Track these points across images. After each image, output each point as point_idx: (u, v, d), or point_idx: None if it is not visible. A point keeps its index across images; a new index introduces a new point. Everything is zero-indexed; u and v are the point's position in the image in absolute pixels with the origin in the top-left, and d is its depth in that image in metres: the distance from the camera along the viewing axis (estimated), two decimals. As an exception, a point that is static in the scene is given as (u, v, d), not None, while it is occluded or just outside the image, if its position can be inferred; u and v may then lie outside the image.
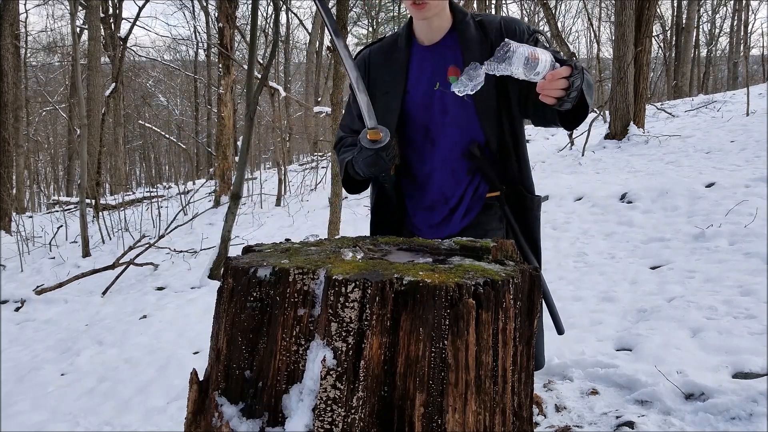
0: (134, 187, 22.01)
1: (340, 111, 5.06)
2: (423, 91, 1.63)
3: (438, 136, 1.65)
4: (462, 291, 0.92)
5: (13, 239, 8.31)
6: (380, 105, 1.62)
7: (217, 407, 0.99)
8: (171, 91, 29.56)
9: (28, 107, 18.63)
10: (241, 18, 17.64)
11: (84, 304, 5.06)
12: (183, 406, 1.37)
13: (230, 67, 9.83)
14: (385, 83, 1.66)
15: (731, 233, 4.06)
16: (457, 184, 1.66)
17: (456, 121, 1.63)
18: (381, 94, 1.65)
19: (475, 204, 1.68)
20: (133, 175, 29.06)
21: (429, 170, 1.69)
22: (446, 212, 1.69)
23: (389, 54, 1.68)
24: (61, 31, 25.02)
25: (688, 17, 20.38)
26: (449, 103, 1.62)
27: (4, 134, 9.55)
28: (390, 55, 1.67)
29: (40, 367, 3.60)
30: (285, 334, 0.96)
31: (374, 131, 1.44)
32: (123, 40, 14.49)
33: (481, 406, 0.96)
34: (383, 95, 1.65)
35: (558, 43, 11.47)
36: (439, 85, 1.62)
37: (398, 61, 1.65)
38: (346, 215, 6.68)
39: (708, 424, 2.17)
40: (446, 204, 1.69)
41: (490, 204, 1.68)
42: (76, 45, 8.94)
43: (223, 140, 9.87)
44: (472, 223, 1.68)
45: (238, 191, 5.32)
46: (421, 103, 1.64)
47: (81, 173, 8.10)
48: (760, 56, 22.86)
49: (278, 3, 6.96)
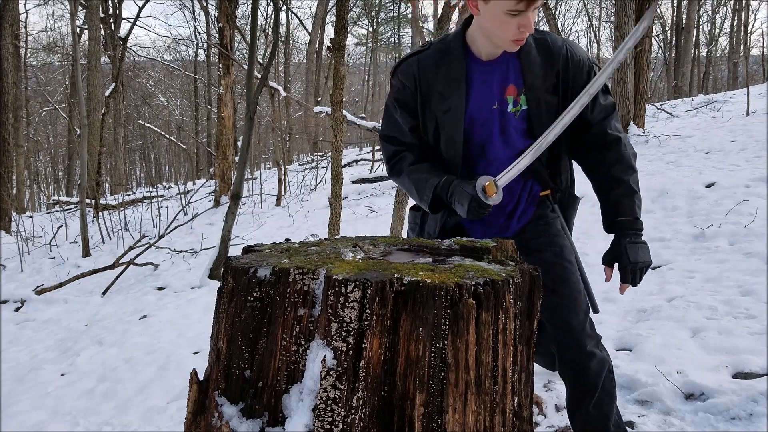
0: (134, 187, 22.02)
1: (340, 111, 5.05)
2: (482, 109, 1.58)
3: (493, 153, 1.62)
4: (462, 291, 0.92)
5: (13, 239, 8.31)
6: (444, 124, 1.58)
7: (217, 407, 0.99)
8: (171, 91, 29.56)
9: (28, 107, 18.63)
10: (241, 18, 17.63)
11: (84, 304, 5.06)
12: (183, 406, 1.38)
13: (230, 67, 9.83)
14: (444, 99, 1.57)
15: (731, 233, 4.06)
16: (510, 191, 1.65)
17: (512, 138, 1.60)
18: (441, 112, 1.58)
19: (530, 205, 1.69)
20: (133, 175, 29.05)
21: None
22: (503, 219, 1.69)
23: (443, 66, 1.57)
24: (61, 31, 25.02)
25: (688, 17, 20.37)
26: (506, 122, 1.59)
27: (4, 134, 9.55)
28: (444, 67, 1.57)
29: (40, 367, 3.60)
30: (285, 334, 0.96)
31: (493, 185, 1.45)
32: (123, 40, 14.49)
33: (481, 406, 0.96)
34: (444, 113, 1.58)
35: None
36: (498, 105, 1.57)
37: (456, 75, 1.56)
38: (346, 215, 6.68)
39: (708, 424, 2.16)
40: (502, 212, 1.68)
41: (543, 199, 1.70)
42: (76, 45, 8.94)
43: (223, 140, 9.87)
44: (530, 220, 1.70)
45: (238, 191, 5.32)
46: (480, 121, 1.59)
47: (81, 173, 8.10)
48: (760, 56, 22.87)
49: (278, 3, 6.96)
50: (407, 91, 1.62)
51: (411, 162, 1.66)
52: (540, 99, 1.56)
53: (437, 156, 1.65)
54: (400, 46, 28.29)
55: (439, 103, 1.58)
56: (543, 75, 1.55)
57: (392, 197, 6.26)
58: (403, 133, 1.67)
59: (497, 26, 1.43)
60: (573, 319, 1.61)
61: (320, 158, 12.42)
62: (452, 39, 1.59)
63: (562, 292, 1.62)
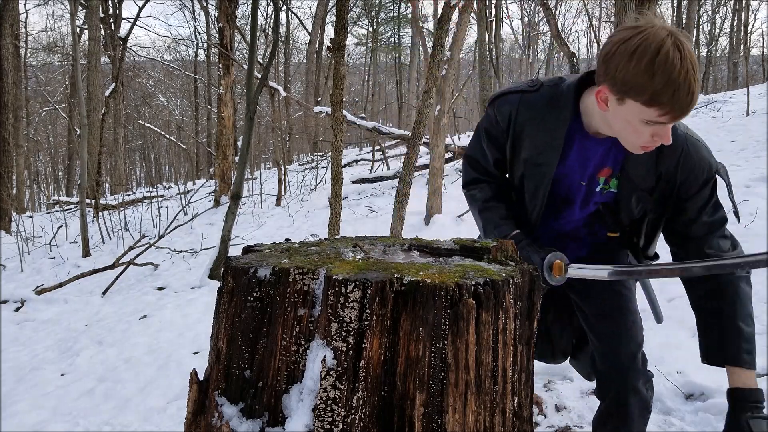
0: (134, 187, 22.03)
1: (340, 111, 5.05)
2: (570, 178, 1.51)
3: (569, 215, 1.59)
4: (462, 291, 0.92)
5: (13, 239, 8.31)
6: (531, 176, 1.52)
7: (217, 407, 0.99)
8: (171, 91, 29.57)
9: (28, 107, 18.64)
10: (241, 18, 17.65)
11: (84, 304, 5.06)
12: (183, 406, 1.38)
13: (230, 67, 9.83)
14: (537, 151, 1.48)
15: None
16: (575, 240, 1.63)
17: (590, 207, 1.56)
18: (531, 164, 1.51)
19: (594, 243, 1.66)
20: (133, 175, 29.06)
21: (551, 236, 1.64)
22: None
23: (545, 119, 1.46)
24: (61, 31, 25.04)
25: (688, 17, 20.37)
26: (590, 195, 1.52)
27: (4, 134, 9.55)
28: (548, 119, 1.45)
29: (40, 367, 3.60)
30: (285, 334, 0.96)
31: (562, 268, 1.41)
32: (123, 40, 14.49)
33: (481, 406, 0.96)
34: (534, 166, 1.50)
35: (558, 43, 11.46)
36: (586, 182, 1.50)
37: (557, 133, 1.44)
38: (346, 215, 6.69)
39: (708, 424, 2.17)
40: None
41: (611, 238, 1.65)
42: (76, 45, 8.94)
43: (223, 140, 9.87)
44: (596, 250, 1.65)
45: (238, 191, 5.32)
46: (564, 187, 1.53)
47: (81, 173, 8.10)
48: (760, 56, 22.87)
49: (278, 3, 6.96)
50: (499, 128, 1.55)
51: (488, 197, 1.62)
52: (632, 193, 1.47)
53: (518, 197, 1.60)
54: (400, 46, 28.30)
55: (531, 153, 1.50)
56: (645, 172, 1.43)
57: (392, 197, 6.26)
58: (487, 163, 1.62)
59: (628, 131, 1.28)
60: (623, 348, 1.54)
61: (320, 158, 12.43)
62: (564, 93, 1.43)
63: (615, 318, 1.56)
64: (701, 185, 1.42)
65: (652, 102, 1.17)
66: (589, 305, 1.63)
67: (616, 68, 1.20)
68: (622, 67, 1.19)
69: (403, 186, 4.89)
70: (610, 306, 1.56)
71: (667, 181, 1.43)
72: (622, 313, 1.57)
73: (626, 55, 1.18)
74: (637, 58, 1.16)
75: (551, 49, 26.99)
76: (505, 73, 27.01)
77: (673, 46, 1.15)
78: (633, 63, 1.17)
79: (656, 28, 1.18)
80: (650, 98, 1.17)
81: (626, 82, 1.19)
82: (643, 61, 1.15)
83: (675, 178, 1.42)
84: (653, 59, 1.14)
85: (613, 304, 1.57)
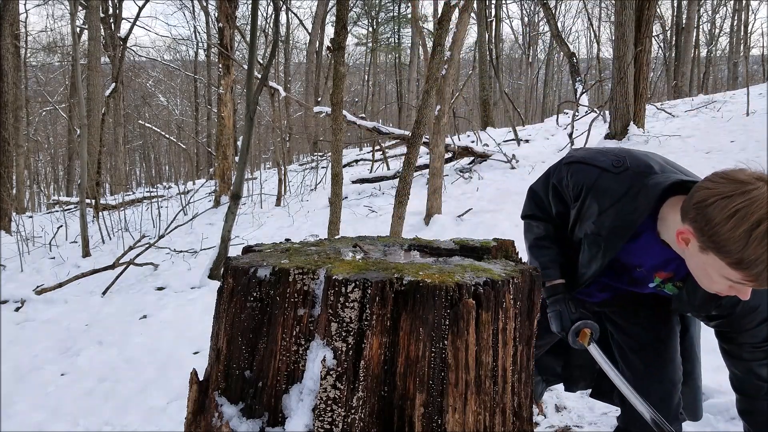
0: (134, 187, 22.01)
1: (340, 111, 5.05)
2: (629, 262, 1.48)
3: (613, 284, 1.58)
4: (462, 291, 0.92)
5: (13, 239, 8.30)
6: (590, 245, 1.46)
7: (217, 407, 0.99)
8: (171, 91, 29.57)
9: (28, 107, 18.64)
10: (241, 18, 17.65)
11: (84, 304, 5.06)
12: (183, 406, 1.37)
13: (230, 67, 9.83)
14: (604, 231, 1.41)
15: (731, 233, 4.05)
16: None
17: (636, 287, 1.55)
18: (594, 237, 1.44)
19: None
20: (133, 175, 29.05)
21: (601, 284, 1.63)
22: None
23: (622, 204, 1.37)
24: (61, 31, 25.01)
25: (688, 17, 20.37)
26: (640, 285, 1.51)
27: (4, 134, 9.54)
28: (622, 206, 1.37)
29: (40, 367, 3.60)
30: (285, 334, 0.96)
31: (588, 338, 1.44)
32: (123, 40, 14.48)
33: (481, 406, 0.96)
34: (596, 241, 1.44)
35: (558, 43, 11.45)
36: (642, 269, 1.47)
37: (628, 225, 1.37)
38: (346, 215, 6.68)
39: (708, 424, 2.17)
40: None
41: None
42: (76, 45, 8.93)
43: (223, 140, 9.86)
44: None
45: (238, 191, 5.32)
46: (619, 265, 1.51)
47: (81, 173, 8.10)
48: (760, 56, 22.88)
49: (278, 3, 6.96)
50: (568, 191, 1.50)
51: (543, 236, 1.59)
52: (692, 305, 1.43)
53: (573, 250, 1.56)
54: (400, 46, 28.30)
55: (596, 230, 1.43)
56: (704, 301, 1.38)
57: (392, 197, 6.26)
58: (549, 208, 1.59)
59: (703, 276, 1.22)
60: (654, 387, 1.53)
61: (320, 158, 12.42)
62: (649, 190, 1.33)
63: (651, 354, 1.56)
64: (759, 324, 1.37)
65: (739, 267, 1.11)
66: (626, 338, 1.61)
67: (708, 221, 1.12)
68: (715, 224, 1.11)
69: (403, 186, 4.89)
70: (648, 341, 1.54)
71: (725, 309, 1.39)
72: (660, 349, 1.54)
73: (723, 214, 1.10)
74: (735, 222, 1.08)
75: (551, 49, 26.99)
76: (505, 73, 27.02)
77: None
78: (729, 225, 1.09)
79: (762, 191, 1.09)
80: (737, 263, 1.10)
81: (716, 240, 1.11)
82: (740, 228, 1.08)
83: (734, 311, 1.38)
84: (752, 230, 1.07)
85: (652, 339, 1.54)
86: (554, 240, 1.58)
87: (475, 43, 17.02)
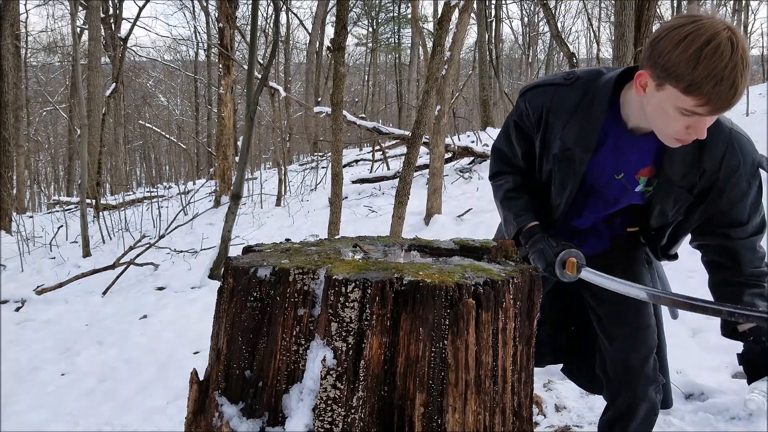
0: (134, 187, 22.01)
1: (340, 111, 5.05)
2: (603, 176, 1.45)
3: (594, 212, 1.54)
4: (462, 291, 0.93)
5: (13, 239, 8.30)
6: (560, 173, 1.45)
7: (217, 407, 0.99)
8: (171, 91, 29.57)
9: (28, 107, 18.63)
10: (241, 18, 17.63)
11: (84, 304, 5.06)
12: (183, 406, 1.37)
13: (230, 67, 9.83)
14: (569, 147, 1.42)
15: (731, 233, 4.05)
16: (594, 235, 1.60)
17: (623, 210, 1.51)
18: (560, 160, 1.44)
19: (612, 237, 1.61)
20: (133, 175, 29.04)
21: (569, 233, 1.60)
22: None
23: (579, 113, 1.39)
24: (61, 31, 24.99)
25: (688, 17, 20.36)
26: (625, 195, 1.46)
27: (4, 134, 9.54)
28: (580, 116, 1.39)
29: (40, 367, 3.60)
30: (285, 334, 0.96)
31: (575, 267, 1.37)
32: (123, 40, 14.49)
33: (481, 406, 0.96)
34: (564, 161, 1.44)
35: (558, 43, 11.46)
36: (623, 176, 1.43)
37: (591, 128, 1.38)
38: (346, 215, 6.68)
39: (708, 424, 2.17)
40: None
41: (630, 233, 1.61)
42: (77, 45, 8.94)
43: (223, 140, 9.87)
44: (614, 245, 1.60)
45: (238, 191, 5.32)
46: (596, 185, 1.47)
47: (81, 173, 8.10)
48: (760, 56, 22.85)
49: (278, 3, 6.97)
50: (529, 122, 1.49)
51: (511, 188, 1.58)
52: (670, 193, 1.39)
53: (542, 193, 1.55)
54: (400, 46, 28.31)
55: (561, 148, 1.43)
56: (686, 169, 1.36)
57: (392, 197, 6.26)
58: (514, 155, 1.59)
59: (661, 118, 1.22)
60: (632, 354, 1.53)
61: (320, 158, 12.43)
62: (602, 87, 1.37)
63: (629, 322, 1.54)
64: (746, 183, 1.36)
65: (691, 90, 1.12)
66: (604, 307, 1.60)
67: (661, 52, 1.15)
68: (667, 52, 1.14)
69: (403, 186, 4.89)
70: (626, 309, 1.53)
71: (708, 179, 1.36)
72: (637, 316, 1.54)
73: (674, 41, 1.13)
74: (685, 45, 1.11)
75: (551, 49, 26.99)
76: (505, 73, 27.01)
77: (726, 40, 1.10)
78: (679, 49, 1.12)
79: (714, 21, 1.13)
80: (689, 86, 1.12)
81: (668, 67, 1.14)
82: (690, 49, 1.11)
83: (716, 176, 1.35)
84: (701, 48, 1.10)
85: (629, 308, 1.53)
86: (524, 189, 1.58)
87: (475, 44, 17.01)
